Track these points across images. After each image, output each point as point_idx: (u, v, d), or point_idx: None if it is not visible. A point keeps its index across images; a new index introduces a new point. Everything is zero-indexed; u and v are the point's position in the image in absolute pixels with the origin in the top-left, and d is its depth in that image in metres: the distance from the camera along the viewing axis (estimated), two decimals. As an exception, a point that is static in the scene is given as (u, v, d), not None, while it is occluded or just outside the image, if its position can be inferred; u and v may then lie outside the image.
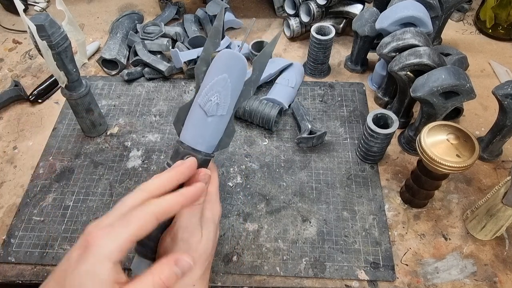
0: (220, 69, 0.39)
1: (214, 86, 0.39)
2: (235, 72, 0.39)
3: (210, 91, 0.39)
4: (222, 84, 0.39)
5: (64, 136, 0.72)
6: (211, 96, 0.39)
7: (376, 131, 0.60)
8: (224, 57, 0.39)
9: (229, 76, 0.39)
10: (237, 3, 0.99)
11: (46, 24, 0.52)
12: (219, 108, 0.39)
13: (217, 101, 0.39)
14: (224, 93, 0.39)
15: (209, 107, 0.39)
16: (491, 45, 0.88)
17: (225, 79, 0.39)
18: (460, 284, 0.54)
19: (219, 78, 0.39)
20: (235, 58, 0.39)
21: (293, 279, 0.55)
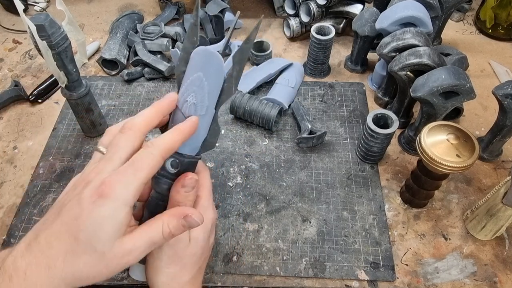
0: (194, 68, 0.37)
1: (189, 86, 0.37)
2: (210, 70, 0.37)
3: (186, 92, 0.38)
4: (197, 83, 0.37)
5: (64, 136, 0.72)
6: (187, 97, 0.38)
7: (376, 131, 0.60)
8: (198, 55, 0.37)
9: (204, 74, 0.37)
10: (237, 3, 0.99)
11: (46, 24, 0.52)
12: (196, 108, 0.38)
13: (194, 101, 0.37)
14: (201, 93, 0.37)
15: (186, 108, 0.38)
16: (491, 45, 0.88)
17: (199, 78, 0.37)
18: (460, 284, 0.54)
19: (193, 78, 0.37)
20: (209, 56, 0.37)
21: (293, 279, 0.55)
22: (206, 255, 0.42)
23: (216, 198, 0.63)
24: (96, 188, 0.31)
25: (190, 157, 0.39)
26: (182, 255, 0.39)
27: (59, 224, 0.32)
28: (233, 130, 0.72)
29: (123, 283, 0.55)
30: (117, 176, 0.32)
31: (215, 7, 0.82)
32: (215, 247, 0.58)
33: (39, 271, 0.30)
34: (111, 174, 0.32)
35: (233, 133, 0.72)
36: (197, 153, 0.40)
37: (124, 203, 0.32)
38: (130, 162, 0.33)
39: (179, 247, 0.39)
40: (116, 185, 0.31)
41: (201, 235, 0.40)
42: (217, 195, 0.63)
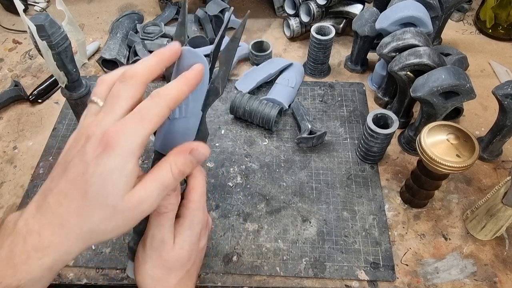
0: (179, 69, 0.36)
1: None
2: None
3: None
4: None
5: (64, 136, 0.72)
6: None
7: (376, 131, 0.60)
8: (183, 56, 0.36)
9: None
10: (237, 3, 0.99)
11: (46, 24, 0.52)
12: (180, 110, 0.37)
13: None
14: None
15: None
16: (491, 45, 0.88)
17: None
18: (460, 284, 0.54)
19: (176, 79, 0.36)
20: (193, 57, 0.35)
21: (293, 279, 0.55)
22: (196, 259, 0.41)
23: (216, 198, 0.63)
24: (99, 140, 0.30)
25: None
26: (166, 258, 0.38)
27: (66, 182, 0.30)
28: (233, 130, 0.72)
29: (123, 283, 0.55)
30: (121, 126, 0.30)
31: (215, 7, 0.82)
32: (215, 247, 0.58)
33: (53, 230, 0.30)
34: (115, 124, 0.30)
35: (233, 133, 0.72)
36: None
37: (131, 153, 0.30)
38: (136, 111, 0.31)
39: (164, 250, 0.38)
40: (121, 135, 0.30)
41: (187, 238, 0.39)
42: (217, 195, 0.63)
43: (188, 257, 0.39)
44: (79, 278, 0.55)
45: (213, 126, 0.73)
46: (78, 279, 0.55)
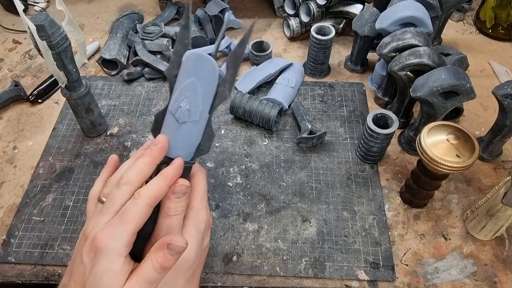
0: (187, 73, 0.36)
1: (182, 91, 0.37)
2: (203, 75, 0.36)
3: (180, 97, 0.37)
4: (190, 89, 0.36)
5: (64, 136, 0.72)
6: (180, 102, 0.37)
7: (376, 131, 0.60)
8: (190, 60, 0.36)
9: (197, 79, 0.36)
10: (237, 3, 0.99)
11: (46, 24, 0.52)
12: (190, 114, 0.37)
13: (187, 107, 0.37)
14: (194, 98, 0.36)
15: (179, 114, 0.37)
16: (491, 45, 0.88)
17: (193, 83, 0.36)
18: (460, 284, 0.54)
19: (187, 83, 0.36)
20: (201, 60, 0.36)
21: (293, 279, 0.55)
22: (201, 259, 0.41)
23: (216, 198, 0.63)
24: (91, 245, 0.34)
25: (185, 163, 0.38)
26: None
27: (73, 281, 0.35)
28: (233, 130, 0.72)
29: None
30: (107, 230, 0.34)
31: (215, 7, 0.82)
32: (215, 247, 0.58)
33: None
34: (102, 229, 0.35)
35: (233, 133, 0.72)
36: (192, 158, 0.39)
37: (117, 255, 0.34)
38: (120, 214, 0.35)
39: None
40: (106, 239, 0.34)
41: (194, 238, 0.39)
42: (217, 195, 0.63)
43: (195, 257, 0.39)
44: None
45: (213, 126, 0.73)
46: None
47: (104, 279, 0.33)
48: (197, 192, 0.41)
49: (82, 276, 0.34)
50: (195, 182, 0.41)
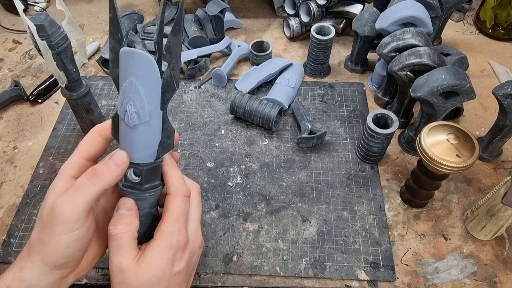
0: (125, 72, 0.33)
1: (124, 94, 0.34)
2: (141, 73, 0.33)
3: (123, 100, 0.34)
4: (131, 90, 0.33)
5: (64, 136, 0.72)
6: (125, 106, 0.34)
7: (376, 131, 0.60)
8: (124, 58, 0.33)
9: (136, 78, 0.33)
10: (237, 3, 0.99)
11: (46, 24, 0.52)
12: (139, 116, 0.34)
13: (134, 109, 0.34)
14: (138, 99, 0.33)
15: (128, 118, 0.34)
16: (491, 45, 0.88)
17: (132, 83, 0.33)
18: (460, 284, 0.54)
19: (126, 84, 0.33)
20: (135, 57, 0.33)
21: (293, 279, 0.55)
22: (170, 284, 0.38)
23: (216, 198, 0.63)
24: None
25: (148, 164, 0.37)
26: (130, 282, 0.36)
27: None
28: (233, 130, 0.72)
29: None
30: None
31: (215, 7, 0.82)
32: (215, 247, 0.58)
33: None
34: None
35: (233, 133, 0.72)
36: (157, 157, 0.37)
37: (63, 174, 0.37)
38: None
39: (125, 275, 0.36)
40: (61, 166, 0.38)
41: (154, 262, 0.36)
42: (217, 195, 0.63)
43: (156, 281, 0.36)
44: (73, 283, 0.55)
45: (213, 126, 0.73)
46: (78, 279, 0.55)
47: (47, 194, 0.36)
48: (169, 215, 0.38)
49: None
50: (168, 204, 0.38)
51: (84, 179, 0.35)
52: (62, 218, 0.34)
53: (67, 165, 0.37)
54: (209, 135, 0.71)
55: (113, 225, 0.36)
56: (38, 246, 0.35)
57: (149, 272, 0.36)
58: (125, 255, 0.36)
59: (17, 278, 0.35)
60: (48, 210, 0.35)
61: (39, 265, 0.35)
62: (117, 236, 0.36)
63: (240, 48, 0.83)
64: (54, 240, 0.34)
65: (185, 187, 0.39)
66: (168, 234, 0.37)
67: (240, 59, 0.84)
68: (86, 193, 0.35)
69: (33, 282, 0.35)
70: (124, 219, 0.37)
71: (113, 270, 0.36)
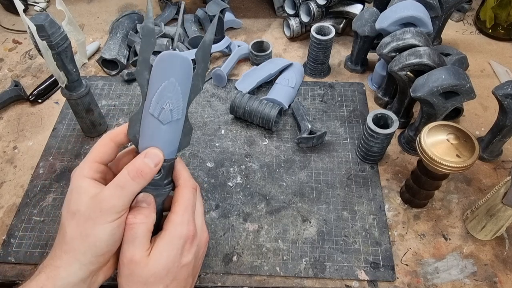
0: (165, 73, 0.37)
1: (163, 93, 0.37)
2: (181, 74, 0.37)
3: (161, 99, 0.37)
4: (171, 89, 0.37)
5: (64, 136, 0.72)
6: (163, 104, 0.37)
7: (376, 131, 0.60)
8: (166, 60, 0.36)
9: (176, 79, 0.37)
10: (237, 3, 0.99)
11: (46, 24, 0.52)
12: (173, 113, 0.38)
13: (170, 107, 0.37)
14: (176, 98, 0.37)
15: (163, 116, 0.37)
16: (491, 45, 0.88)
17: (173, 83, 0.37)
18: (460, 284, 0.54)
19: (166, 84, 0.36)
20: (178, 59, 0.37)
21: (293, 279, 0.55)
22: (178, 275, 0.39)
23: (216, 198, 0.63)
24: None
25: (169, 160, 0.39)
26: (140, 273, 0.37)
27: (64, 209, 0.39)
28: (233, 130, 0.72)
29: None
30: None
31: (215, 7, 0.82)
32: (215, 247, 0.58)
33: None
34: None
35: (233, 133, 0.72)
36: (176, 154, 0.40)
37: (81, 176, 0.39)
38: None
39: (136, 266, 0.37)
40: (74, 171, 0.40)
41: (164, 252, 0.37)
42: (217, 195, 0.63)
43: (165, 273, 0.37)
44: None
45: (213, 126, 0.73)
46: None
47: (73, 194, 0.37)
48: (178, 206, 0.39)
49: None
50: (178, 195, 0.40)
51: (127, 178, 0.37)
52: (109, 210, 0.36)
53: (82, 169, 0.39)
54: (209, 135, 0.71)
55: (132, 215, 0.38)
56: (79, 239, 0.36)
57: (159, 263, 0.37)
58: (139, 247, 0.37)
59: (52, 277, 0.36)
60: (89, 205, 0.36)
61: (77, 260, 0.36)
62: (134, 226, 0.37)
63: (240, 48, 0.83)
64: (100, 229, 0.36)
65: (192, 180, 0.42)
66: (178, 224, 0.39)
67: (240, 59, 0.84)
68: (130, 190, 0.37)
69: (69, 280, 0.36)
70: (143, 211, 0.38)
71: (124, 261, 0.37)
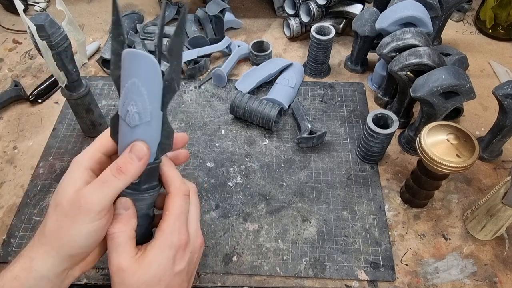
0: (127, 73, 0.34)
1: (127, 94, 0.34)
2: (144, 74, 0.34)
3: (125, 101, 0.34)
4: (133, 90, 0.34)
5: (64, 136, 0.72)
6: (127, 106, 0.34)
7: (376, 131, 0.60)
8: (127, 59, 0.34)
9: (138, 79, 0.34)
10: (237, 3, 0.99)
11: (46, 24, 0.52)
12: (140, 116, 0.35)
13: (135, 110, 0.34)
14: (140, 99, 0.34)
15: (129, 119, 0.35)
16: (491, 45, 0.88)
17: (135, 84, 0.34)
18: (460, 284, 0.54)
19: (128, 84, 0.34)
20: (138, 58, 0.33)
21: (293, 279, 0.55)
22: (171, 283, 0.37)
23: (216, 198, 0.63)
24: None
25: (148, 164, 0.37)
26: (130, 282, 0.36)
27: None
28: (233, 130, 0.72)
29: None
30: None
31: (215, 7, 0.82)
32: (215, 247, 0.58)
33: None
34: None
35: (233, 133, 0.72)
36: (156, 158, 0.38)
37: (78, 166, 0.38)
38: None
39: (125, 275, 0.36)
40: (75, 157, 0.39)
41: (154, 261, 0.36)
42: (217, 195, 0.63)
43: (157, 281, 0.36)
44: (78, 278, 0.55)
45: (213, 126, 0.73)
46: (77, 279, 0.55)
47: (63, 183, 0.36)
48: (169, 215, 0.38)
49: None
50: (169, 203, 0.38)
51: (109, 174, 0.36)
52: (88, 208, 0.34)
53: (82, 157, 0.38)
54: (209, 135, 0.71)
55: (111, 225, 0.37)
56: (56, 235, 0.35)
57: (150, 271, 0.36)
58: (123, 254, 0.36)
59: (26, 268, 0.35)
60: (71, 199, 0.35)
61: (52, 255, 0.35)
62: (114, 235, 0.36)
63: (240, 48, 0.83)
64: (76, 229, 0.35)
65: (184, 186, 0.40)
66: (169, 233, 0.37)
67: (240, 59, 0.84)
68: (113, 187, 0.35)
69: (43, 273, 0.35)
70: (121, 219, 0.37)
71: (113, 269, 0.36)
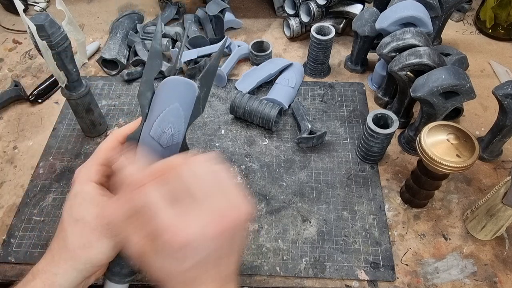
0: (169, 97, 0.36)
1: (166, 117, 0.36)
2: (186, 100, 0.36)
3: (163, 123, 0.36)
4: (174, 114, 0.36)
5: (64, 136, 0.72)
6: (164, 128, 0.36)
7: (376, 131, 0.60)
8: (173, 85, 0.37)
9: (180, 104, 0.36)
10: (237, 3, 0.99)
11: (46, 24, 0.52)
12: (174, 137, 0.37)
13: (172, 132, 0.37)
14: (178, 122, 0.37)
15: (164, 139, 0.37)
16: (491, 45, 0.88)
17: (177, 108, 0.36)
18: (460, 284, 0.54)
19: (170, 108, 0.36)
20: (185, 85, 0.36)
21: (293, 279, 0.55)
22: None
23: (216, 198, 0.63)
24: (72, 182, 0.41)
25: None
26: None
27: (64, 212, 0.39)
28: (233, 130, 0.72)
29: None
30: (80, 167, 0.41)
31: (215, 7, 0.82)
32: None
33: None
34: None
35: (233, 133, 0.72)
36: None
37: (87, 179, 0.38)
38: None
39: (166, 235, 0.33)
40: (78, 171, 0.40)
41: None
42: (217, 195, 0.63)
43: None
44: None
45: (213, 126, 0.73)
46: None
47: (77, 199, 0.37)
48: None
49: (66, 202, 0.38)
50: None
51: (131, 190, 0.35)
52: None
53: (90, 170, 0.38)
54: (209, 135, 0.71)
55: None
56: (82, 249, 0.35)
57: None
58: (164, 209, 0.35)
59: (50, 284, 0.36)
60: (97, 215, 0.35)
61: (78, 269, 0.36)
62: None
63: (240, 48, 0.83)
64: (104, 242, 0.35)
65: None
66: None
67: (240, 59, 0.84)
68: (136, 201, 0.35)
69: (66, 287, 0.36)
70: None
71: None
